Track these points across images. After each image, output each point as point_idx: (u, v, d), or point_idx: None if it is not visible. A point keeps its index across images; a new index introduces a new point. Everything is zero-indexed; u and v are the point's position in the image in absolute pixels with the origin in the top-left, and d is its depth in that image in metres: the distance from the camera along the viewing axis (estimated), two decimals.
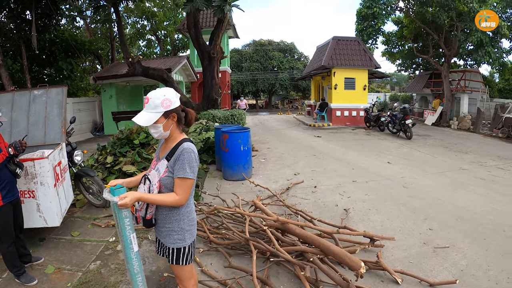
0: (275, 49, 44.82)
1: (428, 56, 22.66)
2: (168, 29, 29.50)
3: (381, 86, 56.76)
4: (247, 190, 7.33)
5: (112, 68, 18.82)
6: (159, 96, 2.35)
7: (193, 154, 2.39)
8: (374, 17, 20.14)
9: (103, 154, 7.82)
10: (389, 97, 38.41)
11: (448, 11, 18.25)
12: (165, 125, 2.42)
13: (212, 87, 13.77)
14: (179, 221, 2.51)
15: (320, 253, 3.92)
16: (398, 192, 7.19)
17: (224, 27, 13.70)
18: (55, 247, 4.84)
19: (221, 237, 4.78)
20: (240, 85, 43.20)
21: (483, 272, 4.00)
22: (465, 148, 12.83)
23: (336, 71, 20.15)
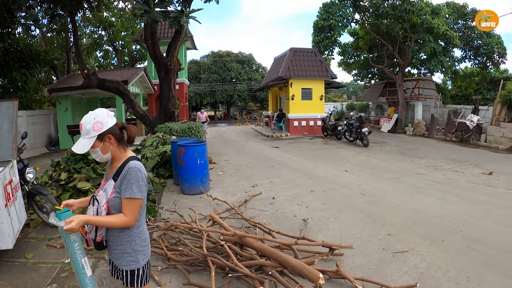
0: (234, 61, 45.04)
1: (383, 66, 23.58)
2: (126, 39, 28.86)
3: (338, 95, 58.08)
4: (205, 204, 7.18)
5: (67, 80, 18.17)
6: (89, 120, 2.30)
7: (139, 173, 2.31)
8: (330, 29, 20.70)
9: (57, 171, 7.48)
10: (345, 106, 39.27)
11: (402, 23, 19.02)
12: (103, 148, 2.35)
13: (169, 99, 13.54)
14: (131, 242, 2.42)
15: (279, 266, 3.89)
16: (356, 199, 7.24)
17: (182, 38, 13.57)
18: (9, 271, 4.56)
19: (179, 253, 4.64)
20: (199, 97, 42.97)
21: (443, 273, 4.06)
22: (420, 153, 13.24)
23: (293, 82, 20.41)
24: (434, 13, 19.21)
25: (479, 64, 24.05)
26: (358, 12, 21.67)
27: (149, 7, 10.63)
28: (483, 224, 5.72)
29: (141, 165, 2.36)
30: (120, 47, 30.54)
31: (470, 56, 24.10)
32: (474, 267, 4.23)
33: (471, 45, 22.98)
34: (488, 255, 4.54)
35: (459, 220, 5.84)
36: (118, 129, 2.41)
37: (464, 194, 7.53)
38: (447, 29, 19.10)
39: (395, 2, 18.85)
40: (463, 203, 6.86)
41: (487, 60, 23.22)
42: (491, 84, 25.47)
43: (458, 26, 23.10)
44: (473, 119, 16.44)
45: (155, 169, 9.45)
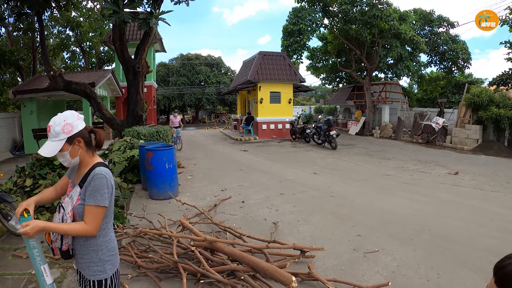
0: (202, 64, 44.90)
1: (351, 70, 24.08)
2: (94, 40, 28.10)
3: (306, 99, 58.80)
4: (174, 209, 7.04)
5: (33, 82, 17.48)
6: (59, 122, 2.20)
7: (105, 180, 2.22)
8: (299, 33, 20.95)
9: (21, 177, 7.22)
10: (314, 110, 39.80)
11: (371, 28, 19.44)
12: (72, 152, 2.26)
13: (137, 102, 13.28)
14: (97, 251, 2.33)
15: (251, 270, 3.86)
16: (325, 201, 7.28)
17: (151, 40, 13.37)
18: None
19: (150, 261, 4.53)
20: (167, 100, 42.53)
21: (414, 271, 4.12)
22: (388, 155, 13.52)
23: (262, 85, 20.46)
24: (402, 19, 19.82)
25: (445, 69, 25.07)
26: (327, 17, 22.09)
27: (118, 7, 10.41)
28: (451, 222, 5.87)
29: (107, 171, 2.29)
30: (87, 48, 29.79)
31: (436, 61, 25.10)
32: (444, 264, 4.32)
33: (437, 51, 23.86)
34: (457, 251, 4.66)
35: (428, 219, 5.97)
36: (87, 133, 2.33)
37: (432, 193, 7.72)
38: (414, 35, 19.72)
39: (364, 8, 19.30)
40: (431, 202, 7.03)
41: (452, 65, 24.24)
42: (456, 88, 26.49)
43: (425, 32, 23.98)
44: (439, 121, 16.97)
45: (123, 174, 9.21)
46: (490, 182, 9.09)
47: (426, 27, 23.92)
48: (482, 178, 9.55)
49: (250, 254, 4.19)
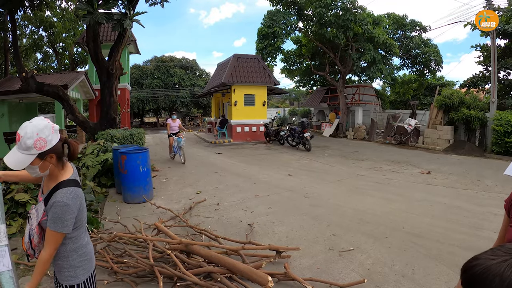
0: (177, 66, 44.42)
1: (324, 73, 24.38)
2: (67, 41, 27.50)
3: (281, 101, 59.04)
4: (149, 213, 6.96)
5: (4, 83, 16.86)
6: (31, 135, 2.03)
7: (66, 208, 2.10)
8: (274, 36, 21.02)
9: None
10: (288, 112, 39.98)
11: (345, 32, 19.70)
12: (42, 166, 2.15)
13: (110, 105, 13.05)
14: (67, 257, 2.31)
15: (227, 272, 3.87)
16: (300, 202, 7.32)
17: (125, 42, 13.16)
18: None
19: (126, 266, 4.46)
20: (141, 103, 41.93)
21: (389, 268, 4.18)
22: (361, 156, 13.71)
23: (236, 88, 20.46)
24: (375, 23, 20.27)
25: (417, 72, 25.70)
26: (302, 21, 22.31)
27: (93, 8, 10.21)
28: (423, 219, 5.99)
29: (70, 194, 2.16)
30: (60, 50, 29.10)
31: (408, 64, 25.71)
32: (418, 260, 4.40)
33: (409, 54, 24.42)
34: (430, 248, 4.76)
35: (401, 217, 6.08)
36: (61, 145, 2.21)
37: (405, 192, 7.87)
38: (387, 39, 20.16)
39: (338, 12, 19.52)
40: (404, 201, 7.16)
41: (424, 68, 24.93)
42: (427, 90, 27.15)
43: (398, 36, 24.56)
44: (411, 122, 17.33)
45: (97, 178, 9.02)
46: (461, 180, 9.34)
47: (399, 31, 24.52)
48: (453, 176, 9.80)
49: (226, 256, 4.18)
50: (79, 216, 2.28)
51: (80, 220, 2.31)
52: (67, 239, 2.29)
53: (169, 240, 4.53)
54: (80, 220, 2.30)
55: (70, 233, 2.25)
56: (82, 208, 2.29)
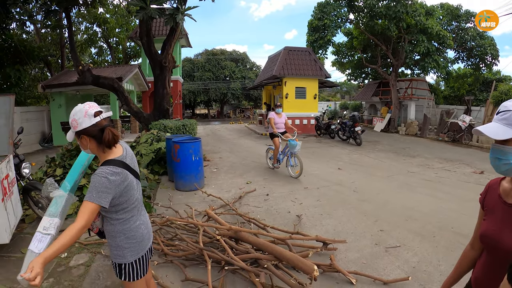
0: (228, 59, 45.00)
1: (376, 66, 23.75)
2: (120, 36, 28.73)
3: (332, 95, 58.25)
4: (199, 200, 7.21)
5: (61, 76, 18.06)
6: (71, 115, 2.31)
7: (103, 179, 2.18)
8: (324, 29, 20.75)
9: (52, 167, 7.50)
10: (339, 106, 39.36)
11: (397, 24, 19.13)
12: (81, 144, 2.38)
13: (163, 96, 13.50)
14: (115, 237, 2.43)
15: (274, 259, 3.93)
16: (349, 196, 7.33)
17: (177, 36, 13.54)
18: (5, 266, 4.58)
19: (176, 248, 4.69)
20: (192, 95, 42.93)
21: (434, 268, 4.15)
22: (412, 152, 13.38)
23: (287, 80, 20.47)
24: (428, 14, 19.47)
25: (472, 65, 24.44)
26: (352, 12, 21.79)
27: (145, 3, 10.60)
28: (473, 220, 5.70)
29: (111, 170, 2.24)
30: (114, 44, 30.32)
31: (463, 57, 24.48)
32: None
33: (464, 47, 23.30)
34: None
35: (450, 217, 5.95)
36: (97, 131, 2.31)
37: (456, 192, 7.66)
38: (440, 30, 19.29)
39: (390, 3, 18.95)
40: (455, 200, 6.98)
41: (480, 62, 23.60)
42: (483, 85, 25.75)
43: (452, 28, 23.47)
44: (465, 119, 16.63)
45: (150, 166, 9.45)
46: None
47: (453, 23, 23.42)
48: None
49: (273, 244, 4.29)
50: (125, 197, 2.35)
51: (127, 202, 2.39)
52: (114, 220, 2.40)
53: (218, 226, 4.68)
54: (127, 202, 2.38)
55: (116, 212, 2.38)
56: (128, 190, 2.35)
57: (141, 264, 2.53)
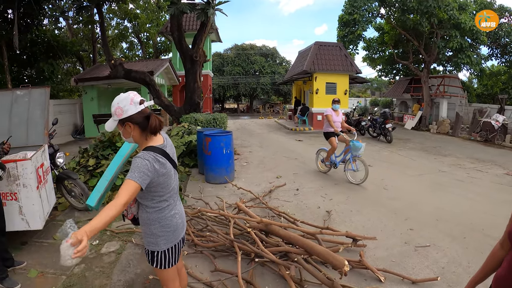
0: (257, 54, 44.85)
1: (408, 62, 23.21)
2: (151, 31, 29.20)
3: (362, 91, 57.48)
4: (229, 193, 7.31)
5: (93, 70, 18.52)
6: (114, 104, 2.34)
7: (144, 162, 2.22)
8: (355, 23, 20.43)
9: (85, 157, 7.68)
10: (369, 102, 38.77)
11: (429, 18, 18.66)
12: (124, 132, 2.41)
13: (194, 90, 13.66)
14: (149, 225, 2.47)
15: (304, 253, 3.94)
16: (378, 194, 7.30)
17: (207, 30, 13.66)
18: (38, 251, 4.75)
19: (206, 239, 4.76)
20: (222, 89, 43.15)
21: (464, 269, 4.10)
22: (444, 151, 13.10)
23: (318, 75, 20.35)
24: (461, 8, 18.83)
25: (506, 63, 23.48)
26: (383, 7, 21.33)
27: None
28: (505, 223, 5.60)
29: (151, 155, 2.28)
30: (145, 39, 30.88)
31: (497, 54, 23.53)
32: None
33: (498, 43, 22.41)
34: None
35: (482, 218, 5.84)
36: (142, 118, 2.36)
37: (487, 193, 7.48)
38: (474, 25, 18.66)
39: None
40: (486, 202, 6.83)
41: None
42: None
43: None
44: (499, 119, 16.10)
45: (181, 158, 9.61)
46: None
47: None
48: None
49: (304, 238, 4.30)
50: (162, 185, 2.39)
51: (164, 191, 2.43)
52: (150, 208, 2.44)
53: (249, 218, 4.70)
54: (163, 190, 2.42)
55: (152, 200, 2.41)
56: (166, 178, 2.39)
57: (173, 252, 2.58)
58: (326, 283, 3.47)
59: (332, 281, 3.42)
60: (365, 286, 3.73)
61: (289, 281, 3.54)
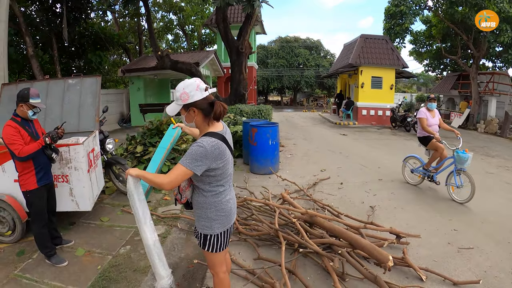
0: (301, 46, 44.38)
1: (456, 57, 22.15)
2: (195, 23, 29.62)
3: (408, 86, 55.74)
4: (274, 184, 7.43)
5: (140, 61, 19.04)
6: (179, 89, 2.39)
7: (201, 149, 2.29)
8: (401, 16, 19.80)
9: (132, 144, 7.98)
10: (415, 98, 37.56)
11: (478, 11, 17.80)
12: (187, 117, 2.46)
13: (239, 82, 13.80)
14: (206, 209, 2.53)
15: (348, 246, 3.95)
16: (423, 192, 7.19)
17: (253, 22, 13.71)
18: (85, 231, 4.97)
19: (250, 228, 4.88)
20: (266, 81, 43.09)
21: (506, 274, 4.01)
22: (491, 151, 12.59)
23: (364, 69, 20.00)
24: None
25: None
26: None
27: None
28: None
29: (210, 142, 2.33)
30: (189, 31, 31.21)
31: None
32: None
33: None
34: None
35: None
36: (206, 104, 2.42)
37: None
38: None
39: None
40: None
41: None
42: None
43: None
44: None
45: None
46: None
47: None
48: None
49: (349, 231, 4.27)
50: (221, 170, 2.44)
51: (222, 176, 2.47)
52: (207, 191, 2.49)
53: (294, 209, 4.75)
54: (222, 175, 2.47)
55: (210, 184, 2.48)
56: (224, 164, 2.43)
57: (225, 237, 2.64)
58: (369, 278, 3.51)
59: (375, 276, 3.44)
60: (406, 284, 3.73)
61: (332, 273, 3.57)
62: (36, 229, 3.99)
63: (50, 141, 3.81)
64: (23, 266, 4.04)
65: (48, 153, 3.95)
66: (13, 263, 4.13)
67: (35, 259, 4.19)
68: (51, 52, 16.93)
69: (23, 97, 3.76)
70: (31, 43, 14.39)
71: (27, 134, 3.82)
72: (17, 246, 4.53)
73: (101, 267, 4.00)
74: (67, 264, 4.06)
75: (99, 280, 3.73)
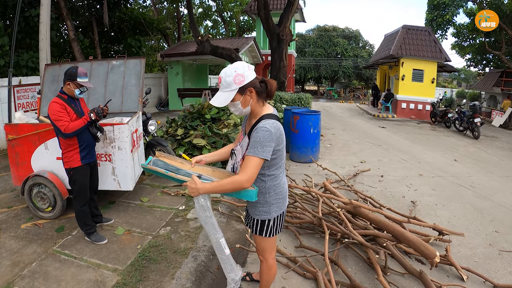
0: (340, 36, 43.22)
1: (500, 52, 21.01)
2: (234, 10, 29.45)
3: (448, 81, 53.76)
4: (314, 173, 7.41)
5: (179, 47, 19.21)
6: (230, 73, 2.21)
7: (267, 133, 2.18)
8: (445, 7, 18.93)
9: (172, 127, 8.01)
10: (456, 94, 36.14)
11: None
12: (243, 101, 2.29)
13: (279, 69, 13.69)
14: (265, 194, 2.44)
15: (392, 239, 3.89)
16: (464, 191, 7.00)
17: (294, 9, 13.51)
18: (125, 211, 5.01)
19: (291, 215, 4.86)
20: (303, 70, 42.46)
21: None
22: None
23: (405, 61, 19.33)
24: None
25: None
26: None
27: None
28: None
29: (273, 124, 2.24)
30: (228, 18, 31.17)
31: None
32: None
33: None
34: None
35: None
36: (258, 83, 2.32)
37: None
38: None
39: None
40: None
41: None
42: None
43: None
44: None
45: None
46: None
47: None
48: None
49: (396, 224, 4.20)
50: (280, 152, 2.36)
51: (280, 157, 2.39)
52: (266, 176, 2.40)
53: (338, 198, 4.70)
54: (280, 157, 2.39)
55: (269, 168, 2.37)
56: (283, 146, 2.36)
57: (281, 220, 2.57)
58: (414, 273, 3.48)
59: (420, 272, 3.41)
60: (447, 282, 3.67)
61: (376, 266, 3.53)
62: (78, 206, 4.01)
63: (95, 116, 3.79)
64: (62, 242, 4.12)
65: (94, 132, 3.95)
66: (52, 238, 4.21)
67: (74, 236, 4.27)
68: (91, 36, 17.35)
69: (71, 75, 3.73)
70: (72, 27, 14.74)
71: (73, 111, 3.82)
72: (57, 223, 4.62)
73: (141, 246, 4.04)
74: (106, 242, 4.10)
75: (139, 260, 3.76)
